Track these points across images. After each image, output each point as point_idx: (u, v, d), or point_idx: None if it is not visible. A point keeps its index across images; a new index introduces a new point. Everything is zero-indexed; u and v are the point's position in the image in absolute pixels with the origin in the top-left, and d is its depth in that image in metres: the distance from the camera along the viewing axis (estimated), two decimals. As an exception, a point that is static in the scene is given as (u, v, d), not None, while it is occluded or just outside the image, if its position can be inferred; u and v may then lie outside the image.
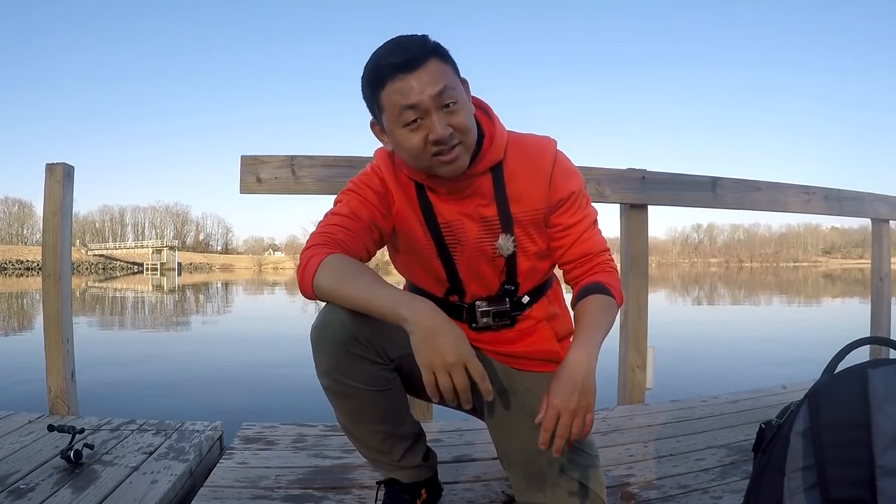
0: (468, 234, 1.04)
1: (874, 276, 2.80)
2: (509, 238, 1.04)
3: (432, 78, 0.89)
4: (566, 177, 1.04)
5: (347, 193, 1.05)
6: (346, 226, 0.99)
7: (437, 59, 0.91)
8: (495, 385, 1.12)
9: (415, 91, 0.89)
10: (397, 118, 0.91)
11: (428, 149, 0.92)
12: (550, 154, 1.03)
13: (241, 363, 5.22)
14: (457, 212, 1.03)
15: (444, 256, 1.06)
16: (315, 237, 0.98)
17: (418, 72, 0.89)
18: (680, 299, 14.72)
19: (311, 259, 0.93)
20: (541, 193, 1.03)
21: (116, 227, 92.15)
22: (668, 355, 3.01)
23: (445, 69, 0.92)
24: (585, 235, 1.07)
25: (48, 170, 2.00)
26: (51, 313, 1.96)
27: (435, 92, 0.89)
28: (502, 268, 1.06)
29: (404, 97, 0.89)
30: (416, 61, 0.89)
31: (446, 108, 0.91)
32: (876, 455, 0.75)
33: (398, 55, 0.89)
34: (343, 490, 1.33)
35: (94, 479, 1.35)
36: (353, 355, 0.97)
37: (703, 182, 2.29)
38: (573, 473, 1.00)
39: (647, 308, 2.19)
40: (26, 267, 55.09)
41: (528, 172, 1.03)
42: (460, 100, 0.93)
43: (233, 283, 29.91)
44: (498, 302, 1.08)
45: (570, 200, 1.04)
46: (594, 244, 1.07)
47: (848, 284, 22.72)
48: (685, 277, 34.72)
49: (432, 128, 0.90)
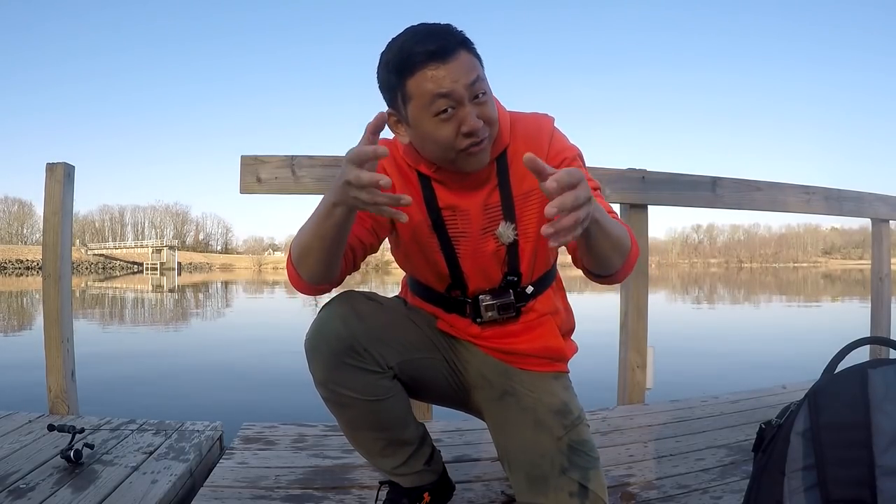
0: (473, 224, 1.02)
1: (874, 276, 2.80)
2: (510, 226, 1.01)
3: (466, 68, 0.88)
4: (562, 147, 1.02)
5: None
6: None
7: (466, 49, 0.90)
8: (496, 387, 1.11)
9: (449, 79, 0.87)
10: (428, 107, 0.89)
11: (459, 141, 0.91)
12: (548, 130, 1.02)
13: (241, 363, 5.22)
14: (462, 202, 1.01)
15: (447, 250, 1.04)
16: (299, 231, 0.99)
17: (452, 61, 0.87)
18: (680, 300, 14.71)
19: (291, 252, 0.95)
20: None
21: (116, 226, 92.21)
22: (668, 355, 3.01)
23: (474, 60, 0.91)
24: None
25: (48, 170, 2.00)
26: (51, 313, 1.96)
27: (469, 81, 0.88)
28: (504, 258, 1.04)
29: (438, 85, 0.87)
30: (449, 49, 0.87)
31: (477, 98, 0.90)
32: (876, 455, 0.75)
33: (432, 42, 0.87)
34: (343, 490, 1.33)
35: (94, 479, 1.35)
36: (348, 366, 0.97)
37: (703, 182, 2.29)
38: (574, 475, 0.99)
39: (647, 308, 2.19)
40: (26, 266, 55.08)
41: (527, 149, 1.00)
42: (489, 91, 0.92)
43: (233, 282, 29.90)
44: (502, 294, 1.05)
45: (565, 164, 0.99)
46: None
47: (848, 285, 22.72)
48: (685, 278, 34.71)
49: (465, 119, 0.89)
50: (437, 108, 0.88)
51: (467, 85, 0.88)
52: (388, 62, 0.91)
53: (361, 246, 1.01)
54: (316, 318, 1.00)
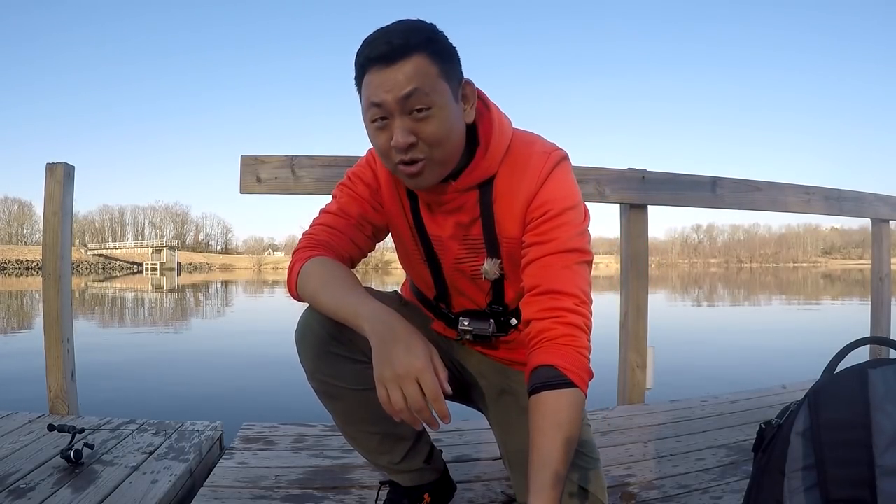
0: (448, 251, 0.98)
1: (874, 276, 2.80)
2: (496, 263, 0.95)
3: (405, 77, 0.80)
4: (553, 197, 0.88)
5: (341, 187, 1.02)
6: (332, 224, 0.97)
7: (423, 55, 0.81)
8: (494, 386, 1.11)
9: (382, 88, 0.81)
10: (366, 112, 0.85)
11: (393, 154, 0.84)
12: (543, 171, 0.88)
13: (241, 363, 5.22)
14: (438, 225, 0.97)
15: (431, 262, 1.01)
16: (302, 239, 0.97)
17: (392, 68, 0.80)
18: (680, 300, 14.71)
19: (294, 265, 0.92)
20: (518, 218, 0.91)
21: (116, 226, 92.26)
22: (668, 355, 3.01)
23: (428, 69, 0.81)
24: (554, 261, 0.87)
25: (48, 170, 2.00)
26: (51, 313, 1.96)
27: (402, 94, 0.80)
28: (488, 289, 1.00)
29: (371, 92, 0.82)
30: (393, 55, 0.80)
31: (414, 113, 0.81)
32: (876, 455, 0.75)
33: (377, 46, 0.81)
34: (343, 490, 1.33)
35: (94, 479, 1.35)
36: (334, 355, 0.96)
37: (703, 182, 2.29)
38: (573, 476, 0.99)
39: (646, 308, 2.19)
40: (26, 267, 55.10)
41: (512, 192, 0.90)
42: (436, 106, 0.82)
43: (232, 282, 29.90)
44: (481, 321, 1.02)
45: (545, 217, 0.88)
46: (566, 281, 0.86)
47: (848, 285, 22.71)
48: (685, 278, 34.71)
49: (394, 133, 0.82)
50: (371, 115, 0.84)
51: (399, 98, 0.80)
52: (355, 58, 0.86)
53: (360, 252, 1.01)
54: (304, 310, 1.00)
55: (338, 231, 0.97)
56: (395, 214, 1.01)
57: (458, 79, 0.86)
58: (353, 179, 1.02)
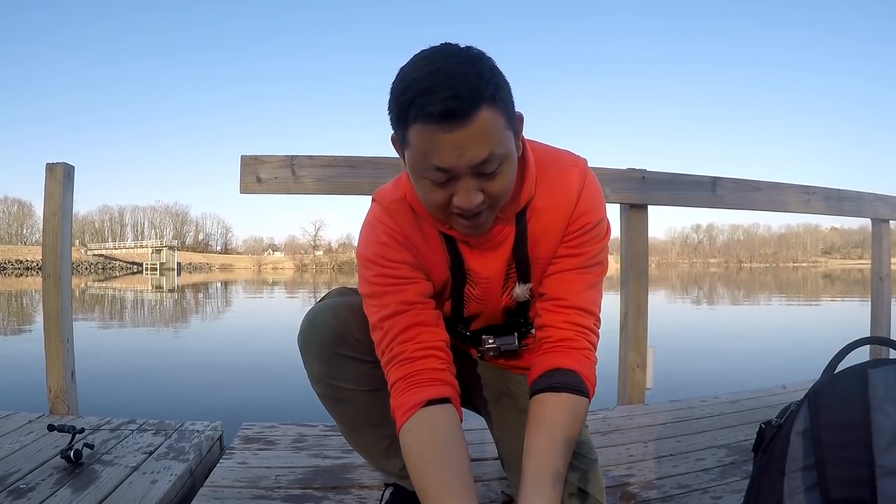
0: (493, 287, 0.93)
1: (874, 276, 2.80)
2: (526, 287, 0.94)
3: (478, 139, 0.70)
4: (588, 208, 0.88)
5: (375, 285, 0.89)
6: (406, 329, 0.86)
7: (491, 106, 0.71)
8: (494, 388, 1.11)
9: (451, 155, 0.71)
10: (421, 168, 0.74)
11: (450, 208, 0.78)
12: (576, 186, 0.87)
13: (240, 363, 5.22)
14: (484, 268, 0.92)
15: (456, 297, 0.96)
16: (389, 362, 0.86)
17: (461, 130, 0.69)
18: (680, 299, 14.72)
19: (396, 411, 0.84)
20: (558, 235, 0.89)
21: (116, 227, 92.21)
22: (668, 355, 3.01)
23: (497, 123, 0.72)
24: (577, 277, 0.89)
25: (48, 170, 2.00)
26: (51, 313, 1.96)
27: (476, 161, 0.72)
28: (514, 308, 0.99)
29: (435, 155, 0.71)
30: (461, 113, 0.68)
31: (485, 175, 0.74)
32: (876, 455, 0.75)
33: (439, 100, 0.68)
34: (343, 490, 1.33)
35: (94, 479, 1.35)
36: (342, 357, 0.95)
37: (703, 182, 2.29)
38: (572, 477, 0.99)
39: (646, 308, 2.19)
40: (26, 267, 55.11)
41: (550, 211, 0.88)
42: (506, 160, 0.75)
43: (232, 282, 29.90)
44: (504, 335, 1.00)
45: (583, 230, 0.88)
46: (585, 298, 0.89)
47: (847, 285, 22.72)
48: (685, 278, 34.73)
49: (459, 194, 0.75)
50: (433, 177, 0.74)
51: (472, 164, 0.72)
52: (393, 97, 0.74)
53: (434, 297, 0.93)
54: (307, 313, 0.99)
55: (412, 329, 0.86)
56: (428, 258, 0.92)
57: (514, 116, 0.78)
58: (384, 265, 0.88)
